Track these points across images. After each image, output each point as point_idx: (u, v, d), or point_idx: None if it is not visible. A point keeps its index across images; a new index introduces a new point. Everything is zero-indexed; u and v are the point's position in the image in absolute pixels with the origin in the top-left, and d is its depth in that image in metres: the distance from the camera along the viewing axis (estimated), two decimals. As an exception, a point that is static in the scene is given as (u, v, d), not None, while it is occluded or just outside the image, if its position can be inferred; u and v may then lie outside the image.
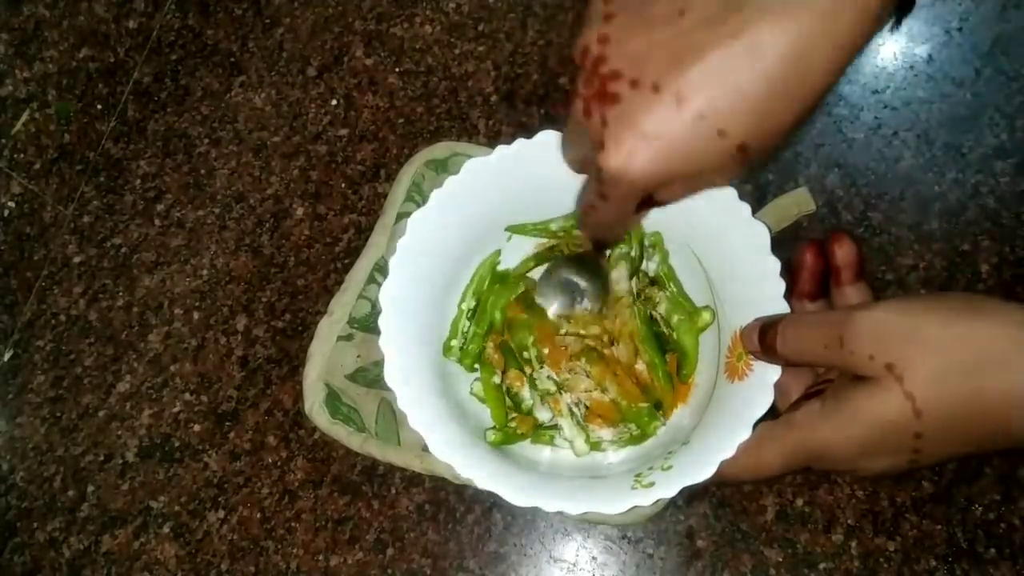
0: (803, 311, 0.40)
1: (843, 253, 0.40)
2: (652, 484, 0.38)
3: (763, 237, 0.41)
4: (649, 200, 0.35)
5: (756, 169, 0.32)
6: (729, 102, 0.29)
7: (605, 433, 0.46)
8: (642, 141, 0.30)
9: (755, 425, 0.37)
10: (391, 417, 0.49)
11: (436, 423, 0.40)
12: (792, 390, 0.40)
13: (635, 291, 0.48)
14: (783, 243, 0.40)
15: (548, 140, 0.44)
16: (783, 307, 0.39)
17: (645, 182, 0.31)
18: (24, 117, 0.57)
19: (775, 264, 0.40)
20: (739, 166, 0.31)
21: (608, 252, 0.48)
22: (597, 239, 0.41)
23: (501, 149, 0.44)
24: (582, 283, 0.48)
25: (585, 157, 0.34)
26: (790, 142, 0.32)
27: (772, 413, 0.39)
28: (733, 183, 0.42)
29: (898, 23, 0.30)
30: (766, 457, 0.36)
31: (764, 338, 0.37)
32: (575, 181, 0.46)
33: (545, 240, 0.50)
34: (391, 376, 0.41)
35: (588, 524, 0.47)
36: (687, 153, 0.30)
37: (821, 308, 0.41)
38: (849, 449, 0.33)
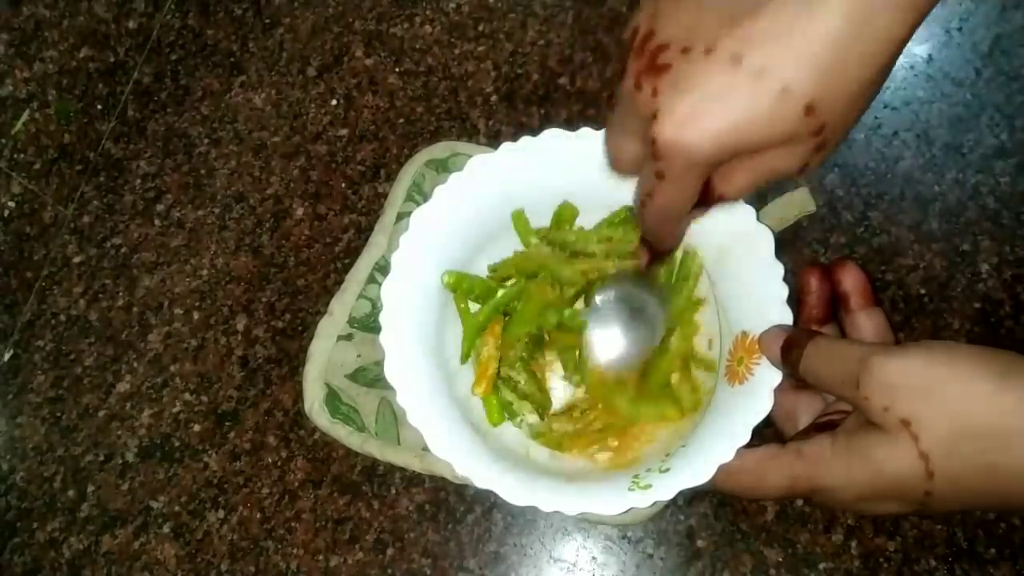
0: (829, 336, 0.38)
1: (849, 279, 0.39)
2: (649, 486, 0.38)
3: (767, 241, 0.41)
4: (710, 193, 0.32)
5: (832, 146, 0.30)
6: (789, 58, 0.27)
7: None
8: (698, 104, 0.28)
9: (755, 431, 0.37)
10: (391, 417, 0.49)
11: (435, 420, 0.41)
12: (801, 415, 0.39)
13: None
14: (783, 244, 0.40)
15: (553, 138, 0.44)
16: (786, 311, 0.39)
17: (704, 149, 0.28)
18: (24, 117, 0.57)
19: (778, 268, 0.40)
20: (811, 139, 0.28)
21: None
22: (656, 242, 0.37)
23: (507, 146, 0.44)
24: (641, 311, 0.44)
25: (635, 144, 0.32)
26: (862, 112, 0.30)
27: (770, 422, 0.39)
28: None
29: None
30: (768, 481, 0.35)
31: (788, 354, 0.36)
32: (577, 181, 0.46)
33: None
34: (391, 372, 0.41)
35: (588, 524, 0.47)
36: (749, 115, 0.28)
37: (831, 333, 0.40)
38: (854, 493, 0.33)
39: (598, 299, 0.45)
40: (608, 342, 0.45)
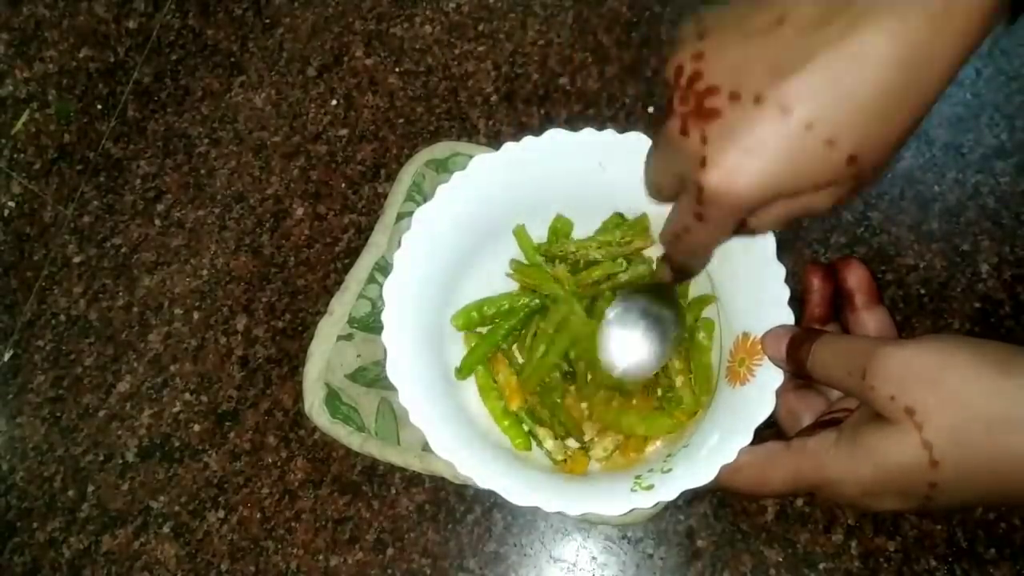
0: (836, 332, 0.38)
1: (854, 278, 0.39)
2: (651, 487, 0.38)
3: (768, 242, 0.41)
4: (742, 225, 0.33)
5: (865, 188, 0.31)
6: (838, 110, 0.27)
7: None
8: (747, 155, 0.28)
9: (756, 432, 0.37)
10: (391, 417, 0.49)
11: (437, 420, 0.40)
12: (803, 414, 0.39)
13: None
14: (783, 244, 0.40)
15: (555, 138, 0.44)
16: (787, 312, 0.39)
17: (750, 198, 0.29)
18: (24, 117, 0.57)
19: (779, 269, 0.40)
20: (850, 182, 0.29)
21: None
22: (682, 268, 0.38)
23: (509, 146, 0.44)
24: (658, 323, 0.43)
25: (678, 181, 0.32)
26: (897, 156, 0.30)
27: (773, 423, 0.39)
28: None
29: (1012, 22, 0.27)
30: (772, 477, 0.35)
31: (796, 351, 0.36)
32: (578, 182, 0.46)
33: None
34: (393, 372, 0.41)
35: (588, 524, 0.48)
36: (795, 166, 0.28)
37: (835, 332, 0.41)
38: (858, 487, 0.33)
39: (616, 307, 0.43)
40: (624, 349, 0.43)
